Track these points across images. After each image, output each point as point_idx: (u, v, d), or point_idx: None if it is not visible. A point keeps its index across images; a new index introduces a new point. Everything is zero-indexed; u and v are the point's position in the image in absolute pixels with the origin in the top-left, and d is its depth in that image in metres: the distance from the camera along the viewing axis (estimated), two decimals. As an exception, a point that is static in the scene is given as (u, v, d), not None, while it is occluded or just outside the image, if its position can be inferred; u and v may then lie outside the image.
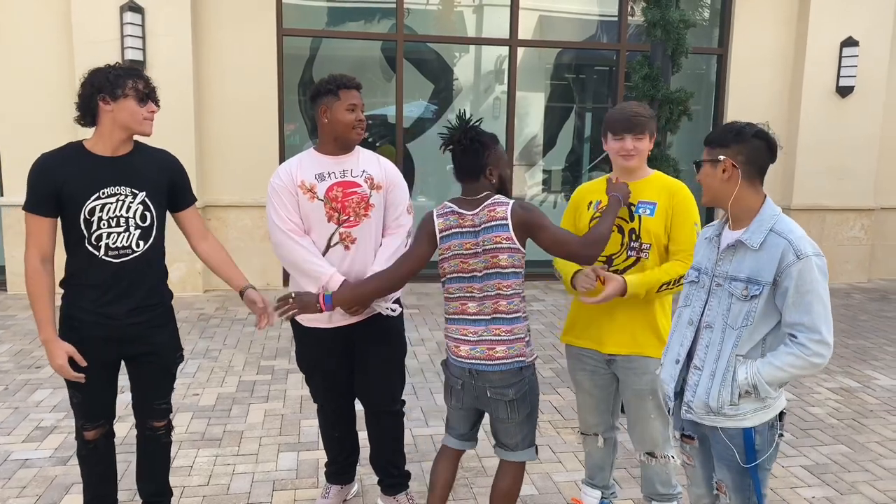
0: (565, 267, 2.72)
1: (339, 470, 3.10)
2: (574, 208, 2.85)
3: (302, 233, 2.73)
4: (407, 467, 3.45)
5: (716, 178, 2.06)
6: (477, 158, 2.43)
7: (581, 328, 2.76)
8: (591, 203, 2.75)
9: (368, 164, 2.80)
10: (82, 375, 2.45)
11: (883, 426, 4.13)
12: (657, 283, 2.53)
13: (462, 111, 2.59)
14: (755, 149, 2.04)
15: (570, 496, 3.26)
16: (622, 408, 2.88)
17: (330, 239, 2.73)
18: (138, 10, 6.41)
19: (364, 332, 2.82)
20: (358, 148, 2.83)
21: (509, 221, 2.36)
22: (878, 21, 7.82)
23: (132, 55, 6.37)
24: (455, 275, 2.45)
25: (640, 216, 2.62)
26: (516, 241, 2.37)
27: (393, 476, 3.04)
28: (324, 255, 2.73)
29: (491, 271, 2.39)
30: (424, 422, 4.05)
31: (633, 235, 2.63)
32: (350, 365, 2.90)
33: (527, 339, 2.45)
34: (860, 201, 8.13)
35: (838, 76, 7.82)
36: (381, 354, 2.87)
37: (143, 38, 6.47)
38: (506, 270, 2.39)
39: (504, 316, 2.41)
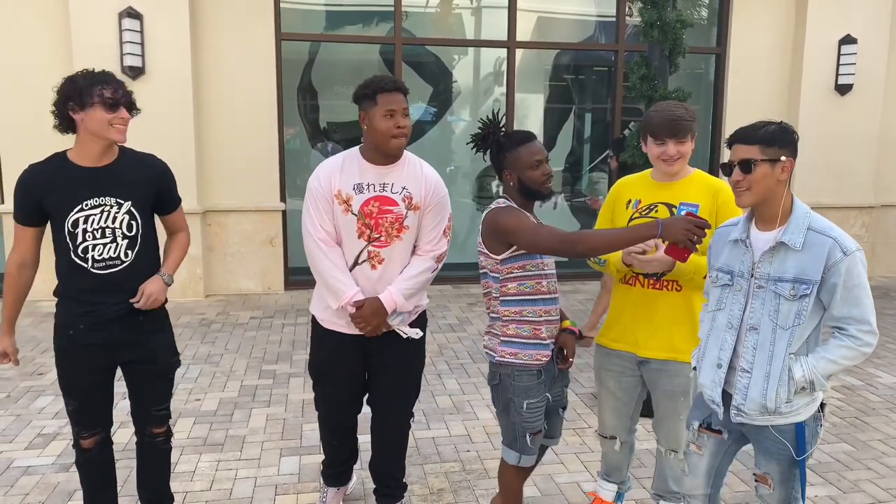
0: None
1: (336, 473, 3.06)
2: (611, 204, 2.77)
3: (333, 242, 2.63)
4: (410, 469, 3.45)
5: (773, 179, 2.02)
6: (494, 160, 2.56)
7: (619, 332, 2.71)
8: (629, 201, 2.67)
9: (411, 179, 2.64)
10: (12, 365, 2.56)
11: (886, 424, 4.12)
12: (705, 267, 2.38)
13: (495, 111, 2.63)
14: (797, 150, 2.06)
15: (572, 497, 3.25)
16: (643, 411, 2.87)
17: (358, 256, 2.64)
18: (137, 16, 6.42)
19: (383, 346, 2.74)
20: (405, 156, 2.66)
21: (481, 227, 2.52)
22: (876, 18, 7.82)
23: (131, 61, 6.38)
24: None
25: None
26: (483, 246, 2.52)
27: (390, 487, 2.99)
28: (350, 271, 2.65)
29: (480, 270, 2.61)
30: (426, 424, 4.05)
31: None
32: (362, 377, 2.83)
33: (502, 338, 2.54)
34: (860, 199, 8.12)
35: (837, 74, 7.82)
36: (399, 369, 2.79)
37: (142, 44, 6.48)
38: (483, 271, 2.59)
39: (488, 312, 2.63)
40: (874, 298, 2.09)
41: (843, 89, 7.85)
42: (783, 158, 2.01)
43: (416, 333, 2.73)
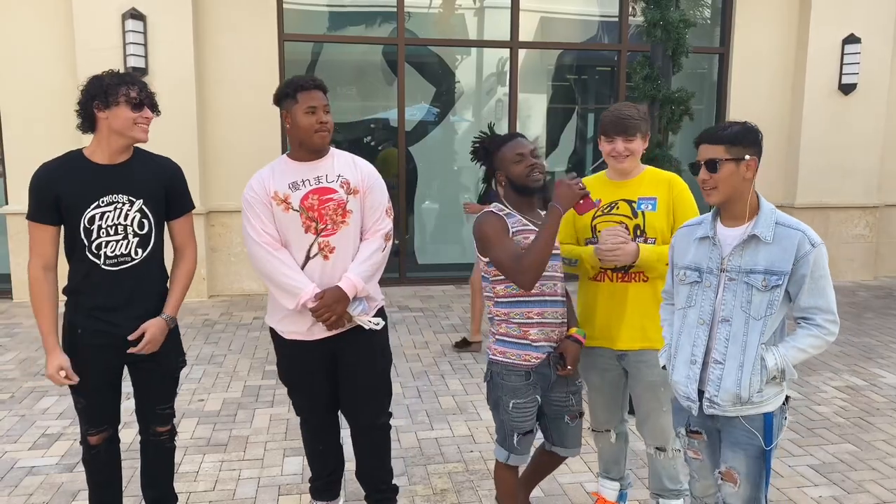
0: (568, 249, 2.75)
1: (323, 486, 3.01)
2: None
3: (279, 245, 2.63)
4: (413, 470, 3.46)
5: (738, 177, 2.09)
6: (488, 166, 2.63)
7: (594, 328, 2.76)
8: None
9: (344, 167, 2.69)
10: (70, 382, 2.49)
11: (890, 424, 4.11)
12: (666, 254, 2.49)
13: (490, 123, 2.72)
14: (762, 149, 2.14)
15: (575, 498, 3.25)
16: (631, 408, 2.90)
17: (309, 250, 2.63)
18: (140, 17, 6.43)
19: (348, 346, 2.73)
20: (333, 150, 2.72)
21: (475, 232, 2.59)
22: (879, 18, 7.80)
23: (134, 62, 6.39)
24: None
25: (643, 212, 2.66)
26: (477, 250, 2.59)
27: (380, 491, 2.96)
28: (303, 267, 2.63)
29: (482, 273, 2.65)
30: (429, 425, 4.05)
31: (639, 231, 2.66)
32: (333, 378, 2.82)
33: (496, 336, 2.60)
34: (864, 199, 8.10)
35: (840, 74, 7.80)
36: (367, 368, 2.77)
37: (145, 45, 6.50)
38: (482, 274, 2.63)
39: None
40: (879, 298, 2.13)
41: (846, 89, 7.83)
42: (747, 157, 2.09)
43: (377, 323, 2.72)
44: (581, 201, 2.46)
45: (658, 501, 2.87)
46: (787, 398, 2.19)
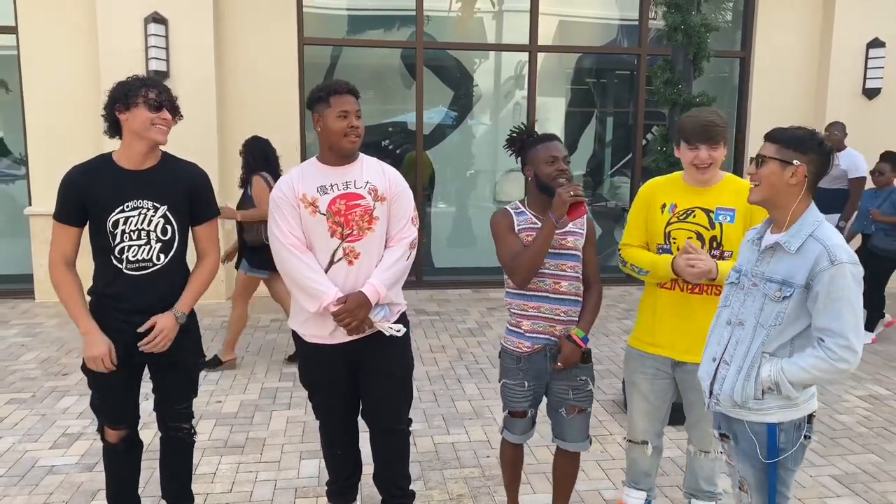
0: (638, 256, 2.69)
1: (340, 490, 3.02)
2: (644, 207, 2.76)
3: (304, 248, 2.63)
4: (429, 475, 3.45)
5: (782, 179, 2.02)
6: (521, 158, 2.72)
7: (655, 335, 2.71)
8: (664, 205, 2.67)
9: (372, 173, 2.69)
10: (113, 368, 2.50)
11: (914, 435, 4.04)
12: None
13: (528, 122, 2.77)
14: (823, 163, 2.03)
15: (593, 505, 3.23)
16: (671, 419, 2.87)
17: (333, 255, 2.63)
18: (162, 21, 6.50)
19: (369, 350, 2.72)
20: (362, 156, 2.73)
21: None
22: (905, 21, 7.68)
23: (156, 66, 6.46)
24: None
25: (721, 224, 2.57)
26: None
27: (396, 497, 2.95)
28: (326, 271, 2.63)
29: None
30: (446, 429, 4.04)
31: (715, 243, 2.58)
32: (354, 382, 2.81)
33: (508, 327, 2.75)
34: (888, 205, 7.97)
35: (865, 78, 7.69)
36: (388, 372, 2.77)
37: (167, 48, 6.56)
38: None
39: None
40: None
41: (871, 93, 7.72)
42: (795, 163, 2.00)
43: (398, 330, 2.71)
44: (578, 205, 2.51)
45: (690, 502, 2.84)
46: (810, 417, 2.10)
